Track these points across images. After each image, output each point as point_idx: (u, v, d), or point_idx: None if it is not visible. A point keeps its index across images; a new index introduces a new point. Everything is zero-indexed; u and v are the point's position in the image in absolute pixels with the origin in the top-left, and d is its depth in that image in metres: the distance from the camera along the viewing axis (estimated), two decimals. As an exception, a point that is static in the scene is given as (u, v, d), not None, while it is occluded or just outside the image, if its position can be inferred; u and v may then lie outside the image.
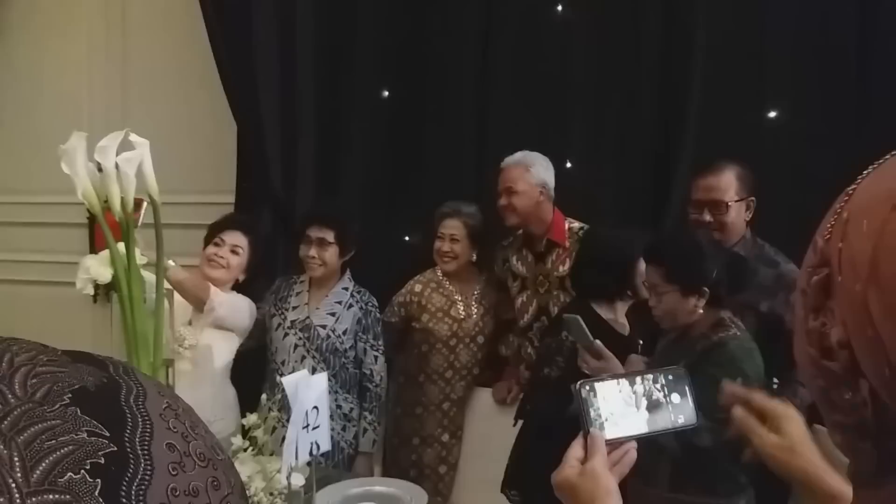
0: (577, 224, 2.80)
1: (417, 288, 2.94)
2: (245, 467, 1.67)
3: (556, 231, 2.79)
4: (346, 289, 2.82)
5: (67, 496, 0.32)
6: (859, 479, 0.50)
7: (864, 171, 0.50)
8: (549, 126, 3.10)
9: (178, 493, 0.35)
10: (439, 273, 2.95)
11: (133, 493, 0.34)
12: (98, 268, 1.62)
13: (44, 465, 0.33)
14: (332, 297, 2.80)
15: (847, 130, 2.72)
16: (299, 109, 3.32)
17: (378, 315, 2.83)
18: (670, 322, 2.06)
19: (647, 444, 1.91)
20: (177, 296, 2.49)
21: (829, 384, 0.49)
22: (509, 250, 2.91)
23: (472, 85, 3.21)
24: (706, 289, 1.97)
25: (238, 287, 2.73)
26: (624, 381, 0.94)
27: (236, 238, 2.65)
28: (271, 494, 1.68)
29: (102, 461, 0.34)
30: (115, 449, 0.35)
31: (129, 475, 0.34)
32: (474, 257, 2.92)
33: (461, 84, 3.22)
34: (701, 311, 1.99)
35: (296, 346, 2.75)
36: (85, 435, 0.34)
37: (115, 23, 3.89)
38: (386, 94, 3.31)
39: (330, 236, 2.70)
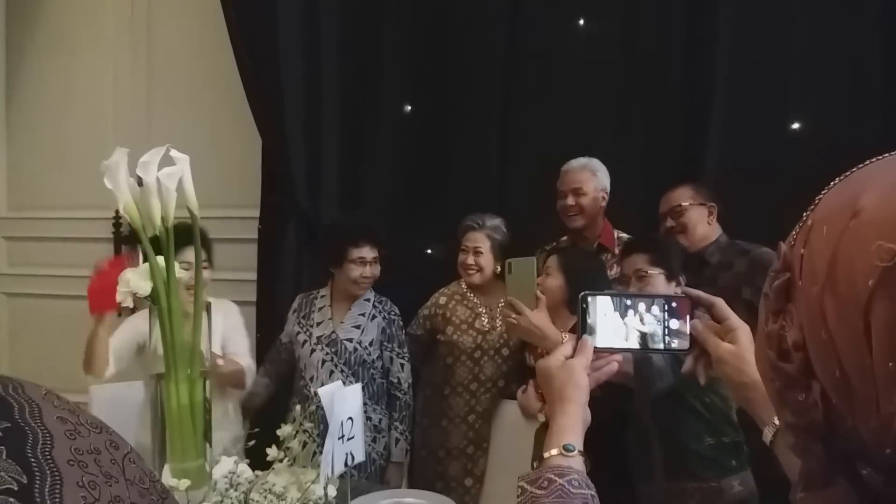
0: (624, 235, 2.82)
1: (442, 300, 2.95)
2: (280, 478, 1.69)
3: (606, 236, 2.82)
4: (369, 300, 2.86)
5: None
6: (809, 480, 0.52)
7: (833, 182, 0.52)
8: (572, 139, 3.10)
9: (81, 452, 0.39)
10: (464, 285, 2.95)
11: (40, 454, 0.37)
12: (138, 281, 1.64)
13: None
14: (355, 309, 2.83)
15: (871, 142, 2.72)
16: (323, 124, 3.35)
17: (401, 323, 2.88)
18: None
19: (639, 442, 2.17)
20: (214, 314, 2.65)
21: (784, 385, 0.52)
22: None
23: (494, 98, 3.23)
24: (682, 277, 2.23)
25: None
26: (624, 300, 1.00)
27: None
28: (305, 506, 1.69)
29: (1, 434, 0.37)
30: (10, 425, 0.37)
31: (30, 442, 0.37)
32: (499, 269, 2.92)
33: (483, 98, 3.24)
34: None
35: (323, 361, 2.78)
36: None
37: (140, 41, 3.94)
38: (408, 108, 3.34)
39: (375, 253, 2.79)
